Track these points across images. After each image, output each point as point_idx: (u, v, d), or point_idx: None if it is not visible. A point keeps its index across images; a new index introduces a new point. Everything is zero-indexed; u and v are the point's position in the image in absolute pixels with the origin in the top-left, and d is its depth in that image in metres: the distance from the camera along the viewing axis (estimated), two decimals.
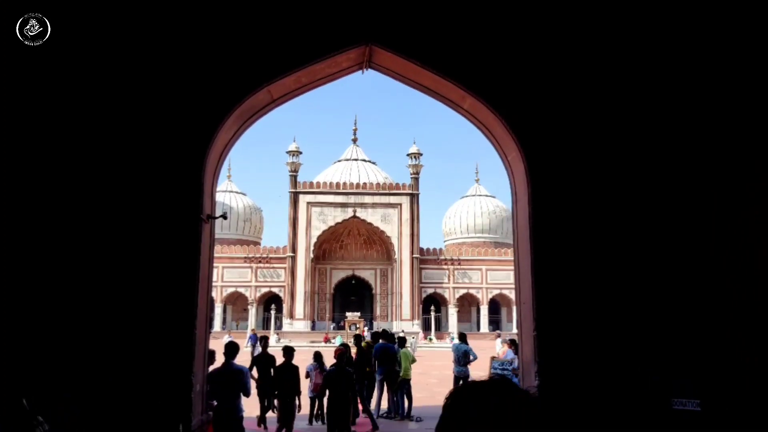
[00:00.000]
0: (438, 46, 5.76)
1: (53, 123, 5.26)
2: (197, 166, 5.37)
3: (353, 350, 9.79)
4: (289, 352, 7.60)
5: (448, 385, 15.19)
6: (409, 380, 9.93)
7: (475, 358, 10.53)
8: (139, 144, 5.32)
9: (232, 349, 5.09)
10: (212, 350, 6.15)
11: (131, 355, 4.99)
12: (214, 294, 53.76)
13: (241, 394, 5.11)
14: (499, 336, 23.77)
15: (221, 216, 5.73)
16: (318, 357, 8.97)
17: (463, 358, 10.31)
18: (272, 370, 7.30)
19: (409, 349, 10.18)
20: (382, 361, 9.67)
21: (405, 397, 9.83)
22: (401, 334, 13.61)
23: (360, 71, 6.36)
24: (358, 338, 10.29)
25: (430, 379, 16.63)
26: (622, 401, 5.09)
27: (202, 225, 5.36)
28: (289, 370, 7.28)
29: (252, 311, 45.21)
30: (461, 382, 10.35)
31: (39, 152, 5.18)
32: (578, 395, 5.23)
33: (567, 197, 5.57)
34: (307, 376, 8.81)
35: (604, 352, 5.28)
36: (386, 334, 10.14)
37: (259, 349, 26.19)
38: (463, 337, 10.84)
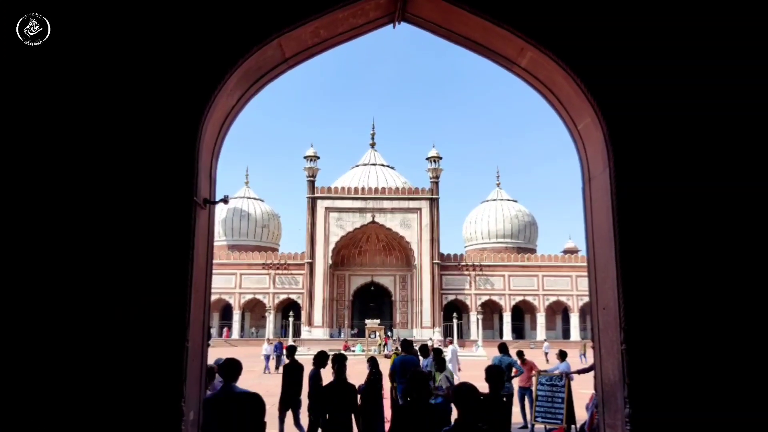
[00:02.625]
0: None
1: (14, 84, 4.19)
2: (190, 136, 4.25)
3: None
4: (421, 385, 4.16)
5: None
6: None
7: (521, 372, 9.25)
8: (114, 106, 4.21)
9: (232, 368, 3.94)
10: (211, 366, 5.01)
11: (104, 374, 3.86)
12: (231, 301, 53.10)
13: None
14: (451, 343, 22.39)
15: (222, 200, 4.60)
16: None
17: (507, 372, 9.03)
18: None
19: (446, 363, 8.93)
20: (404, 376, 8.48)
21: None
22: (430, 343, 12.34)
23: (390, 24, 5.21)
24: (406, 344, 8.95)
25: None
26: None
27: (196, 211, 4.23)
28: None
29: (270, 318, 44.28)
30: (505, 399, 9.06)
31: None
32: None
33: (660, 171, 4.33)
34: None
35: (724, 373, 4.01)
36: (422, 347, 8.88)
37: (284, 361, 24.32)
38: (503, 348, 9.51)
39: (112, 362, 3.86)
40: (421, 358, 9.59)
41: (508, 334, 52.05)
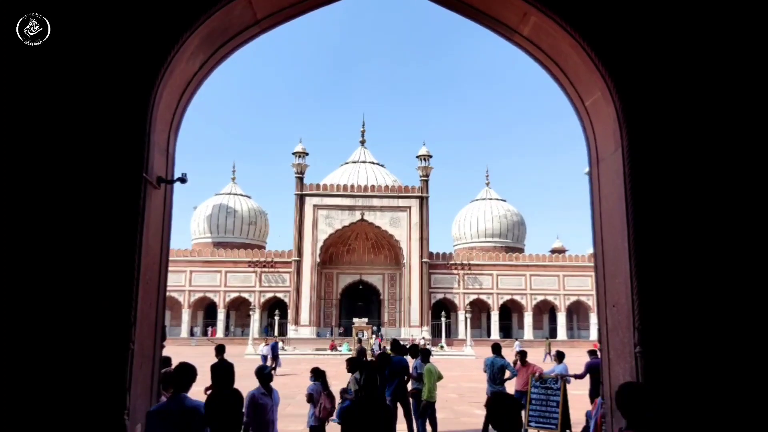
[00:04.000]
0: None
1: None
2: (140, 104, 3.64)
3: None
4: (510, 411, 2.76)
5: (472, 401, 13.35)
6: (433, 403, 8.11)
7: (514, 374, 8.70)
8: (52, 66, 3.59)
9: (185, 375, 3.34)
10: (167, 371, 4.39)
11: (30, 382, 3.24)
12: (216, 299, 52.22)
13: None
14: (378, 339, 21.66)
15: (179, 179, 4.00)
16: (320, 374, 7.18)
17: (499, 374, 8.48)
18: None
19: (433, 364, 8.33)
20: (393, 378, 7.93)
21: (429, 424, 8.01)
22: (420, 343, 11.77)
23: None
24: (396, 345, 8.32)
25: (450, 394, 14.76)
26: None
27: (146, 190, 3.63)
28: None
29: (255, 317, 43.45)
30: None
31: None
32: None
33: (681, 150, 3.80)
34: (310, 399, 7.03)
35: (756, 380, 3.49)
36: (411, 347, 8.27)
37: (280, 363, 22.14)
38: (497, 349, 8.93)
39: (40, 367, 3.25)
40: (409, 358, 9.05)
41: (495, 333, 51.67)
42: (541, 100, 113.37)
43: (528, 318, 53.74)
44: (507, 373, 8.58)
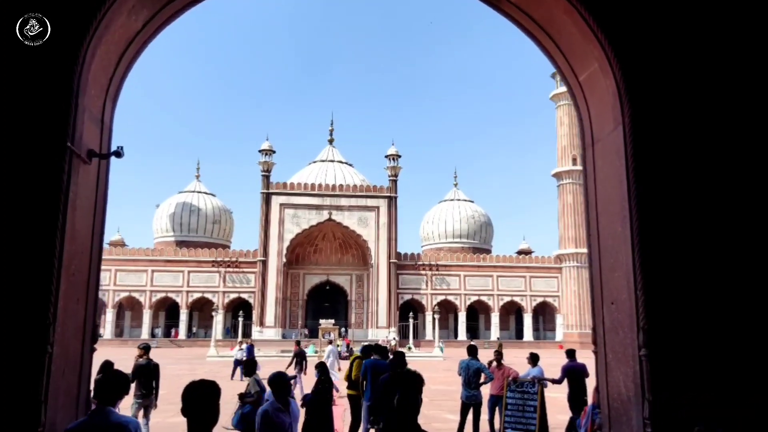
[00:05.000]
0: None
1: None
2: (66, 59, 3.04)
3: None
4: None
5: (443, 405, 12.93)
6: None
7: (491, 378, 8.27)
8: None
9: (113, 384, 2.75)
10: (96, 379, 3.75)
11: None
12: (179, 300, 50.72)
13: None
14: (330, 343, 21.37)
15: (114, 153, 3.40)
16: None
17: (475, 378, 8.04)
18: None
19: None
20: (375, 379, 7.40)
21: None
22: (391, 344, 11.25)
23: None
24: (378, 348, 7.71)
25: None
26: None
27: (72, 164, 3.02)
28: None
29: (219, 318, 42.22)
30: (472, 409, 8.10)
31: None
32: None
33: (694, 126, 3.41)
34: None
35: None
36: (379, 348, 7.72)
37: (259, 367, 20.26)
38: (472, 351, 8.46)
39: None
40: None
41: (463, 334, 51.66)
42: (511, 102, 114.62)
43: (495, 319, 53.97)
44: (483, 377, 8.16)
